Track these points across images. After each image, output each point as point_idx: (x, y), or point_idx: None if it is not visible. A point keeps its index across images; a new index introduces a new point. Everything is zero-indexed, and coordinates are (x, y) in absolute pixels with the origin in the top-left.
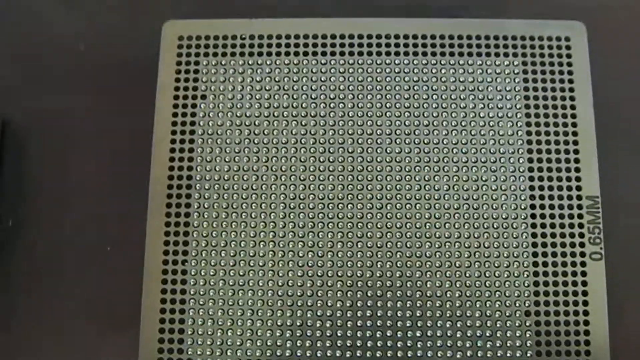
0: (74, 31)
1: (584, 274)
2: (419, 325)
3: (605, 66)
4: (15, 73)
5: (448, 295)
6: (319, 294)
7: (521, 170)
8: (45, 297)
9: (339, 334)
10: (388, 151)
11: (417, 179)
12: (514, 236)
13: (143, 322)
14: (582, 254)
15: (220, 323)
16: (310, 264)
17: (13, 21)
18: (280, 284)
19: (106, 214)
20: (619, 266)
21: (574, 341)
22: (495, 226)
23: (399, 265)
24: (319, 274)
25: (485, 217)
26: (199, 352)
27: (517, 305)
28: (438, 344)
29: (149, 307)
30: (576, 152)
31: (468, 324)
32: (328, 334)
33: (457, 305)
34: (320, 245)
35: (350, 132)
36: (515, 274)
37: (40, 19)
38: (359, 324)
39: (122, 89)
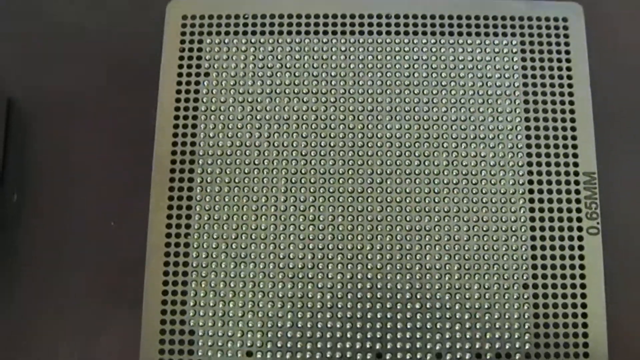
0: (78, 12)
1: (581, 248)
2: (418, 297)
3: (602, 45)
4: (21, 54)
5: (447, 268)
6: (320, 267)
7: (519, 146)
8: (49, 273)
9: (339, 306)
10: (388, 127)
11: (417, 154)
12: (512, 210)
13: (146, 294)
14: (580, 229)
15: (222, 295)
16: (311, 237)
17: (18, 3)
18: (281, 256)
19: (110, 190)
20: (615, 240)
21: (572, 313)
22: (493, 201)
23: (398, 238)
24: (320, 247)
25: (484, 192)
26: (201, 324)
27: (515, 278)
28: (437, 316)
29: (152, 279)
30: (573, 129)
31: (467, 297)
32: (329, 306)
33: (456, 277)
34: (321, 219)
35: (351, 109)
36: (514, 248)
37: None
38: (359, 296)
39: (127, 69)
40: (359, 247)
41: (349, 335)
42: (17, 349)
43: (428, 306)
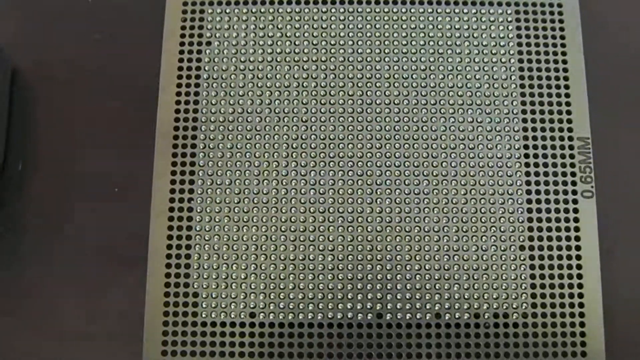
0: None
1: (576, 210)
2: (417, 259)
3: (595, 12)
4: (25, 24)
5: (445, 230)
6: (321, 229)
7: (514, 112)
8: (55, 238)
9: (340, 268)
10: (387, 94)
11: (414, 120)
12: (508, 175)
13: (150, 258)
14: (574, 192)
15: (225, 258)
16: (312, 201)
17: None
18: (283, 219)
19: (113, 157)
20: (609, 203)
21: (567, 274)
22: (490, 165)
23: (397, 202)
24: (321, 210)
25: (480, 156)
26: (204, 286)
27: (512, 240)
28: (436, 277)
29: (156, 244)
30: (567, 95)
31: (465, 258)
32: (330, 268)
33: (455, 240)
34: (321, 183)
35: (350, 76)
36: (510, 211)
37: None
38: (359, 258)
39: (129, 39)
40: (359, 210)
41: (349, 296)
42: (20, 310)
43: (427, 267)
